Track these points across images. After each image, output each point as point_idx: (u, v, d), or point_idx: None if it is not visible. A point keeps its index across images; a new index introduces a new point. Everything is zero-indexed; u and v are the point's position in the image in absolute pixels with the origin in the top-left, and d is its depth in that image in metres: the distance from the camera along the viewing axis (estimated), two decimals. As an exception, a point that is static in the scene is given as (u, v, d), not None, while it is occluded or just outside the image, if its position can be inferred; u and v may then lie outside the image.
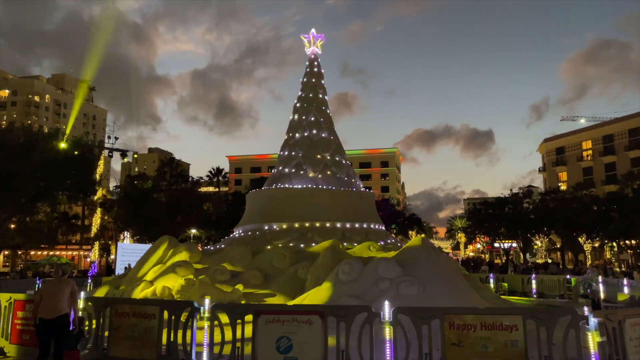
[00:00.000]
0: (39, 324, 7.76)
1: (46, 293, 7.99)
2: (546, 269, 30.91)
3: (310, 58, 23.79)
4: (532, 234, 54.06)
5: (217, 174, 74.21)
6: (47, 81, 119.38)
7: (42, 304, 7.80)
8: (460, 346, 7.56)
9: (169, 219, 44.87)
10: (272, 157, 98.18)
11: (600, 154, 71.52)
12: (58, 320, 7.69)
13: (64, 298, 7.84)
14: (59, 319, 7.70)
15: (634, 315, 8.07)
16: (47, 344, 7.80)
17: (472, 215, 65.19)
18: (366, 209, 21.05)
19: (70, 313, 7.99)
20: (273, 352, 7.71)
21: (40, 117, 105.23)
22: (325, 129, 22.37)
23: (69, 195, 34.77)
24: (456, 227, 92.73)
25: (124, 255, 35.21)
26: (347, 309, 8.12)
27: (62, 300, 7.82)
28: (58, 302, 7.78)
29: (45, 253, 58.32)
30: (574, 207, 47.79)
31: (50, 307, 7.73)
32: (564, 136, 79.23)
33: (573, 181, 67.68)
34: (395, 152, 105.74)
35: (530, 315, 7.69)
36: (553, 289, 23.26)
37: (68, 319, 7.87)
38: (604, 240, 51.04)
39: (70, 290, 7.98)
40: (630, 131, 68.05)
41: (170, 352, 8.23)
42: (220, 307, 8.39)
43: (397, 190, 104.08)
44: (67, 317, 7.84)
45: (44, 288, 8.23)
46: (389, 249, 16.62)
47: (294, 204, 19.58)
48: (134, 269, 16.88)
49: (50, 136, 33.86)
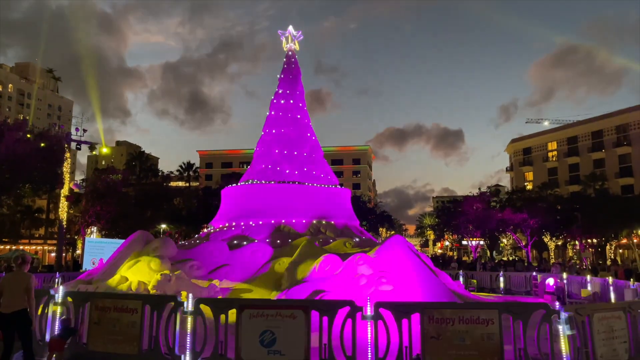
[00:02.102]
0: (1, 319, 7.63)
1: (3, 287, 7.82)
2: (514, 266, 31.80)
3: (287, 55, 23.79)
4: (499, 232, 55.45)
5: (187, 169, 73.38)
6: (11, 70, 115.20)
7: (2, 299, 7.66)
8: (438, 339, 7.82)
9: (138, 214, 44.13)
10: (244, 152, 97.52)
11: (564, 155, 73.74)
12: (15, 315, 7.54)
13: (19, 293, 7.64)
14: (16, 314, 7.55)
15: (601, 310, 8.50)
16: (11, 338, 7.68)
17: (441, 213, 66.38)
18: (342, 205, 21.24)
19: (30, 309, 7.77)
20: (257, 346, 7.79)
21: (2, 107, 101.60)
22: (302, 126, 22.44)
23: (35, 188, 33.83)
24: (425, 225, 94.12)
25: (91, 250, 34.55)
26: (330, 304, 8.28)
27: (17, 295, 7.63)
28: (13, 298, 7.60)
29: (8, 247, 56.59)
30: (539, 207, 49.22)
31: (7, 302, 7.60)
32: (531, 137, 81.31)
33: (539, 181, 69.63)
34: (367, 149, 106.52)
35: (505, 310, 8.00)
36: (520, 285, 24.03)
37: (26, 314, 7.66)
38: (567, 238, 52.82)
39: (25, 287, 7.69)
40: (593, 133, 70.38)
41: (153, 347, 8.21)
42: (204, 302, 8.41)
43: (369, 188, 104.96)
44: (24, 312, 7.63)
45: (2, 282, 8.01)
46: (364, 245, 16.87)
47: (270, 200, 19.61)
48: (107, 264, 16.61)
49: (15, 127, 32.83)
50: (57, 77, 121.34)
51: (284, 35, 24.19)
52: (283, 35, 24.21)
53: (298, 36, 24.18)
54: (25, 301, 7.65)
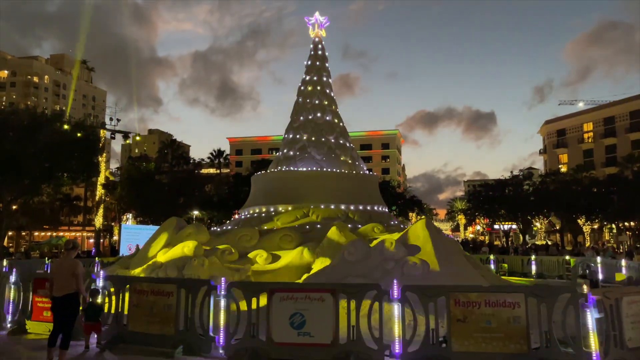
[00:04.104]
0: (52, 302, 8.14)
1: (53, 272, 8.37)
2: (546, 250, 31.37)
3: (314, 41, 23.85)
4: (532, 216, 54.55)
5: (218, 156, 74.45)
6: (46, 62, 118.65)
7: (54, 283, 8.16)
8: (465, 322, 7.93)
9: (171, 201, 45.23)
10: (272, 139, 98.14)
11: (601, 136, 71.64)
12: (65, 298, 8.00)
13: (68, 278, 8.07)
14: (66, 297, 8.01)
15: (630, 294, 8.42)
16: (60, 320, 8.17)
17: (472, 197, 65.64)
18: (370, 191, 21.37)
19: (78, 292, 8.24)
20: (287, 327, 8.08)
21: (39, 98, 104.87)
22: (330, 112, 22.57)
23: (72, 177, 35.05)
24: (456, 209, 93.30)
25: (127, 236, 35.75)
26: (358, 287, 8.49)
27: (67, 280, 8.07)
28: (64, 282, 8.06)
29: (49, 234, 58.95)
30: (573, 189, 48.15)
31: (58, 286, 8.07)
32: (565, 118, 79.20)
33: (573, 163, 67.92)
34: (396, 134, 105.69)
35: (531, 293, 8.04)
36: (552, 269, 23.72)
37: (76, 298, 8.13)
38: (603, 222, 51.56)
39: (73, 272, 8.11)
40: (631, 113, 68.07)
41: (189, 328, 8.61)
42: (236, 285, 8.76)
43: (398, 172, 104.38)
44: (75, 295, 8.08)
45: (52, 267, 8.57)
46: (393, 230, 16.99)
47: (299, 186, 19.89)
48: (142, 249, 17.25)
49: (54, 118, 34.02)
50: (91, 68, 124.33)
51: (310, 22, 24.23)
52: (310, 22, 24.26)
53: (325, 22, 24.20)
54: (75, 285, 8.12)
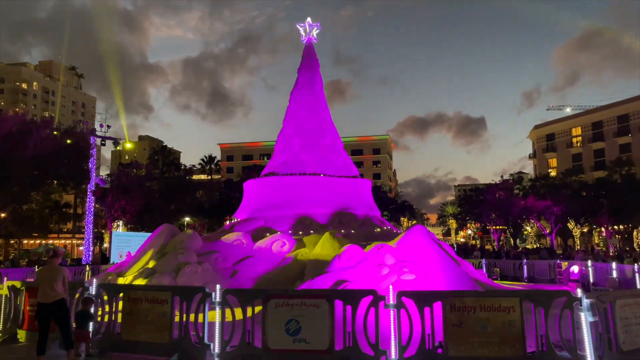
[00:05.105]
0: (39, 308, 8.07)
1: (40, 279, 8.35)
2: (537, 254, 31.55)
3: (305, 47, 23.88)
4: (523, 220, 54.84)
5: (209, 162, 74.24)
6: (35, 68, 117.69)
7: (39, 290, 8.10)
8: (461, 327, 7.94)
9: (162, 207, 44.93)
10: (264, 145, 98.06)
11: (589, 141, 72.34)
12: (56, 304, 7.97)
13: (57, 284, 8.08)
14: (56, 304, 7.99)
15: (624, 297, 8.50)
16: (46, 327, 8.11)
17: (463, 201, 65.93)
18: (362, 196, 21.38)
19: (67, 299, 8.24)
20: (283, 334, 8.03)
21: (28, 105, 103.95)
22: (321, 117, 22.58)
23: (62, 184, 34.72)
24: (447, 214, 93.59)
25: (118, 243, 35.41)
26: (353, 293, 8.47)
27: (53, 286, 8.06)
28: (50, 289, 8.03)
29: (38, 242, 58.22)
30: (563, 193, 48.54)
31: (44, 293, 8.03)
32: (554, 123, 79.91)
33: (563, 167, 68.51)
34: (387, 139, 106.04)
35: (527, 297, 8.07)
36: (544, 273, 23.86)
37: (65, 304, 8.13)
38: (593, 225, 52.01)
39: (62, 279, 8.21)
40: (618, 118, 68.88)
41: (183, 336, 8.53)
42: (231, 292, 8.70)
43: (389, 177, 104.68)
44: (63, 302, 8.10)
45: (38, 274, 8.54)
46: (386, 235, 17.01)
47: (292, 193, 19.86)
48: (135, 257, 17.10)
49: (43, 125, 33.72)
50: (80, 74, 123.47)
51: (302, 28, 24.26)
52: (302, 27, 24.29)
53: (315, 27, 24.24)
54: (63, 292, 8.07)
